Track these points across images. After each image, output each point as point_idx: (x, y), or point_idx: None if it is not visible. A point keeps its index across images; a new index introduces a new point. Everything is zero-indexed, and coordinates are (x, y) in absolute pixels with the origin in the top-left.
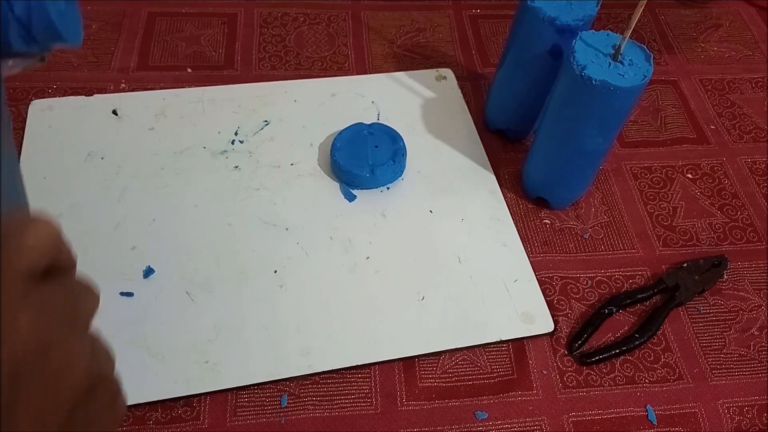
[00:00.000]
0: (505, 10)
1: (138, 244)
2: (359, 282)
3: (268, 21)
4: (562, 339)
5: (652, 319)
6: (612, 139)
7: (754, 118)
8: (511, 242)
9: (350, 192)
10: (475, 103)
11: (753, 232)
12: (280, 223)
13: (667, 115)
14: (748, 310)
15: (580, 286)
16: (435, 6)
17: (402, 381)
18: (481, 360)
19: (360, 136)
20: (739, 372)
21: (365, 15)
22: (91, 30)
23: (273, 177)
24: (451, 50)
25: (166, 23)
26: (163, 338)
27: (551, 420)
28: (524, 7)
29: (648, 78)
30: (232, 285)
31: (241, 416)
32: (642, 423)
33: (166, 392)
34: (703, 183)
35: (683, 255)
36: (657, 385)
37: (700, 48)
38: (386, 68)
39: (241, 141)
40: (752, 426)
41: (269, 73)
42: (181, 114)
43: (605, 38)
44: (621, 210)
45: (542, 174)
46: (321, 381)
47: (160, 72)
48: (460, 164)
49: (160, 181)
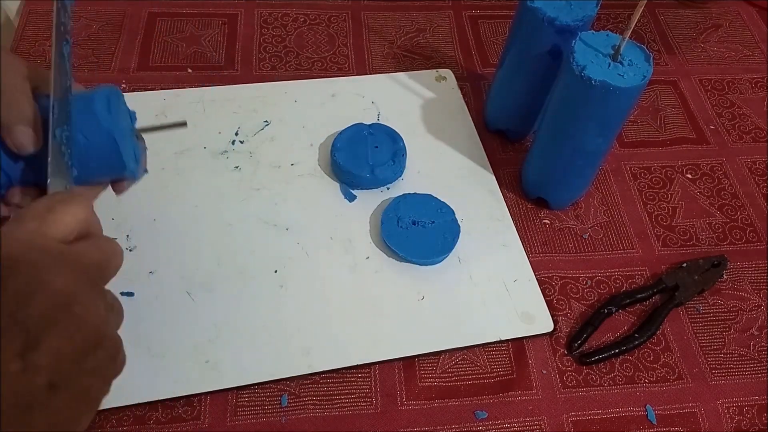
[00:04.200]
0: (505, 10)
1: (138, 244)
2: (359, 282)
3: (269, 21)
4: (561, 339)
5: (652, 319)
6: (611, 140)
7: (754, 118)
8: (511, 242)
9: (350, 192)
10: (475, 104)
11: (753, 232)
12: (281, 223)
13: (666, 116)
14: (748, 310)
15: (580, 286)
16: (435, 6)
17: (402, 381)
18: (481, 360)
19: (360, 137)
20: (739, 372)
21: (365, 15)
22: (91, 30)
23: (273, 177)
24: (451, 51)
25: (167, 24)
26: (163, 338)
27: (551, 419)
28: (524, 7)
29: (647, 78)
30: (233, 285)
31: (241, 416)
32: (642, 423)
33: (166, 392)
34: (702, 183)
35: (683, 255)
36: (657, 385)
37: (700, 48)
38: (386, 69)
39: (242, 141)
40: (752, 426)
41: (269, 74)
42: (181, 114)
43: (605, 38)
44: (620, 210)
45: (542, 174)
46: (321, 381)
47: (161, 72)
48: (460, 164)
49: (160, 182)
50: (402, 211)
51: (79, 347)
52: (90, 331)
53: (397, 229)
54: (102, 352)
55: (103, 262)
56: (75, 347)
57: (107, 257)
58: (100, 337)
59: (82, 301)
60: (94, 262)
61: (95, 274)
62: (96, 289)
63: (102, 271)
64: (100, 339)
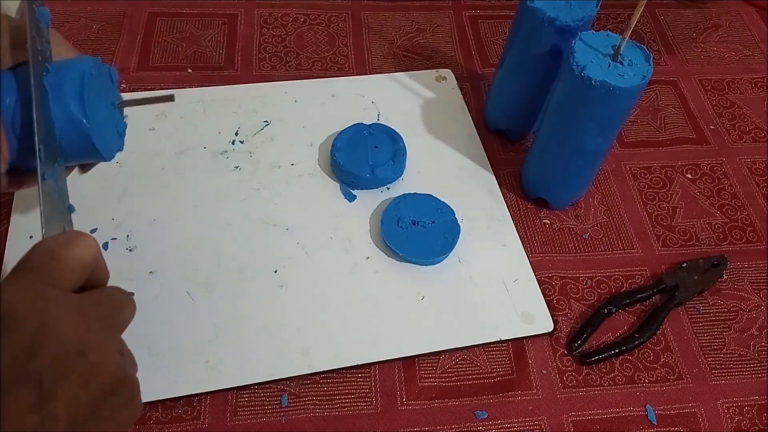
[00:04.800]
0: (505, 10)
1: (138, 244)
2: (359, 282)
3: (269, 21)
4: (561, 339)
5: (652, 318)
6: (611, 140)
7: (754, 118)
8: (511, 242)
9: (350, 192)
10: (475, 104)
11: (753, 232)
12: (281, 223)
13: (666, 116)
14: (748, 310)
15: (580, 285)
16: (435, 6)
17: (402, 381)
18: (481, 360)
19: (360, 137)
20: (739, 372)
21: (365, 15)
22: (91, 30)
23: (273, 177)
24: (451, 51)
25: (167, 24)
26: (163, 338)
27: (551, 419)
28: (524, 7)
29: (647, 78)
30: (233, 285)
31: (241, 416)
32: (642, 423)
33: (166, 392)
34: (702, 183)
35: (683, 255)
36: (657, 385)
37: (700, 48)
38: (386, 69)
39: (242, 141)
40: (752, 426)
41: (269, 74)
42: (181, 114)
43: (605, 38)
44: (620, 210)
45: (542, 174)
46: (321, 381)
47: (161, 72)
48: (460, 164)
49: (160, 182)
50: (402, 211)
51: (96, 394)
52: (106, 377)
53: (397, 229)
54: (117, 399)
55: (116, 310)
56: (91, 395)
57: (120, 305)
58: (116, 383)
59: (95, 347)
60: (107, 311)
61: (108, 322)
62: (110, 335)
63: (115, 319)
64: (116, 385)
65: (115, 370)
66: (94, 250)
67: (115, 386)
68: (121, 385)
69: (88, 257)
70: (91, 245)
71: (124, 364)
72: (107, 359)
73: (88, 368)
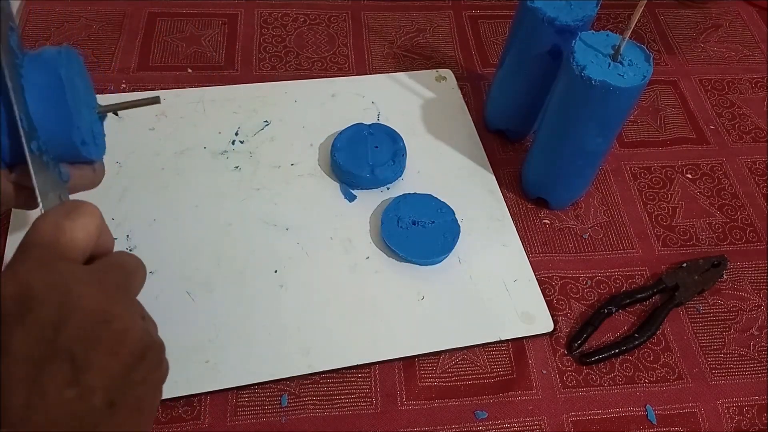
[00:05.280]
0: (505, 10)
1: (138, 244)
2: (359, 282)
3: (269, 21)
4: (561, 339)
5: (652, 319)
6: (611, 140)
7: (754, 118)
8: (511, 242)
9: (350, 192)
10: (475, 104)
11: (753, 232)
12: (281, 223)
13: (666, 116)
14: (748, 310)
15: (580, 285)
16: (435, 6)
17: (402, 381)
18: (481, 360)
19: (360, 137)
20: (739, 372)
21: (365, 15)
22: (91, 30)
23: (273, 177)
24: (451, 51)
25: (167, 24)
26: (163, 338)
27: (551, 419)
28: (524, 7)
29: (647, 78)
30: (233, 285)
31: (241, 416)
32: (642, 423)
33: (166, 392)
34: (702, 183)
35: (683, 255)
36: (657, 385)
37: (700, 48)
38: (386, 69)
39: (242, 141)
40: (752, 426)
41: (269, 74)
42: (181, 114)
43: (605, 38)
44: (620, 210)
45: (542, 174)
46: (321, 381)
47: (161, 72)
48: (460, 164)
49: (160, 182)
50: (402, 211)
51: (127, 361)
52: (134, 343)
53: (397, 229)
54: (147, 363)
55: (129, 275)
56: (122, 363)
57: (132, 269)
58: (143, 348)
59: (118, 315)
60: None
61: (124, 288)
62: (129, 301)
63: (130, 284)
64: (143, 349)
65: (141, 335)
66: (98, 217)
67: (143, 351)
68: (148, 349)
69: (92, 226)
70: (93, 213)
71: (147, 328)
72: (132, 325)
73: (115, 336)
